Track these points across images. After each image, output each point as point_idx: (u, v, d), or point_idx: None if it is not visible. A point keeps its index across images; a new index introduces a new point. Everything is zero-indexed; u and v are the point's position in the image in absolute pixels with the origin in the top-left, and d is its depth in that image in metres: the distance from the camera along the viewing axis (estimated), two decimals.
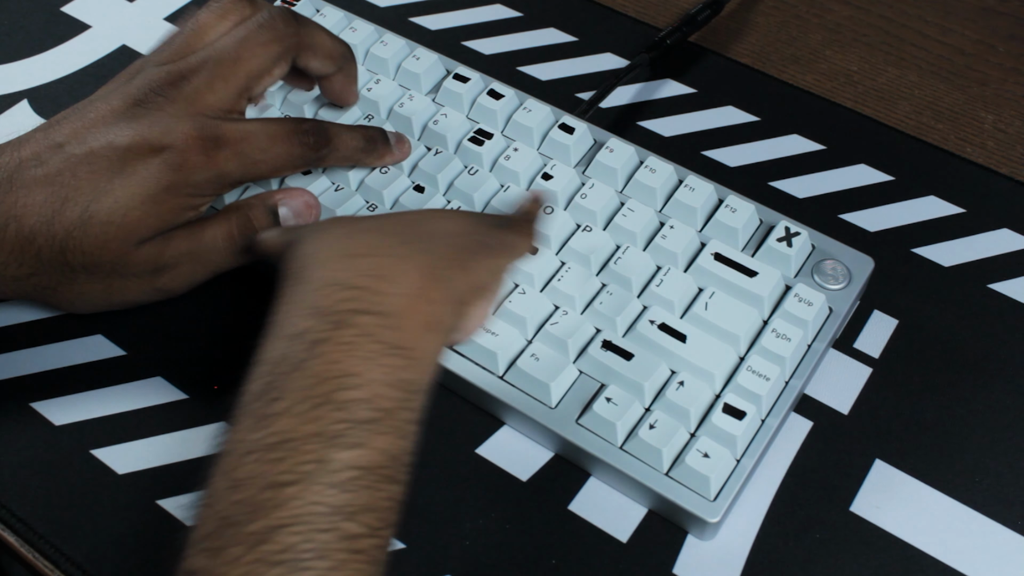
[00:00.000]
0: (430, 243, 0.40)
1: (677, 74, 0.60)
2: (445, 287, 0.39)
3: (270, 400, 0.34)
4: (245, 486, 0.33)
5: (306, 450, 0.33)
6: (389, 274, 0.38)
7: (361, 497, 0.33)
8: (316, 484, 0.32)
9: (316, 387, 0.34)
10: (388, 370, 0.36)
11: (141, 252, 0.44)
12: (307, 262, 0.38)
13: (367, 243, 0.39)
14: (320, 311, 0.36)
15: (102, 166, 0.42)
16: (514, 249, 0.44)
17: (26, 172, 0.42)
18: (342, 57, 0.50)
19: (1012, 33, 0.63)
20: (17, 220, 0.42)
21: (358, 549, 0.32)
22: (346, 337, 0.35)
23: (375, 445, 0.34)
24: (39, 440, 0.45)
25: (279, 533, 0.31)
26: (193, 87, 0.44)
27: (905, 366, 0.48)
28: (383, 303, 0.37)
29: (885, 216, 0.53)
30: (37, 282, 0.43)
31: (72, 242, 0.42)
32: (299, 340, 0.35)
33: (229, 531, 0.32)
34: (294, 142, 0.46)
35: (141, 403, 0.46)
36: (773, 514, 0.43)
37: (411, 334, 0.37)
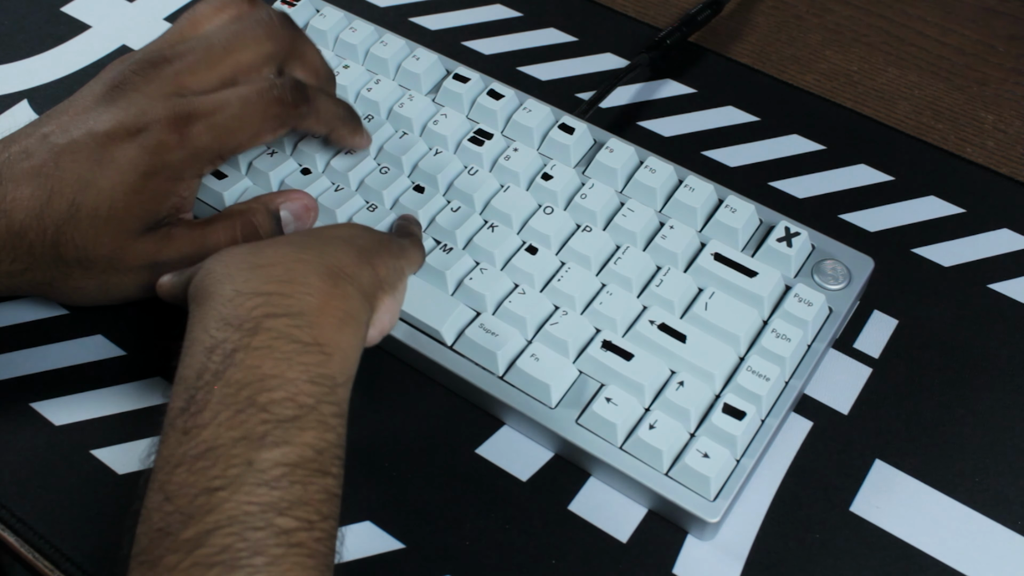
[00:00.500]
0: (332, 246, 0.40)
1: (677, 74, 0.60)
2: (352, 283, 0.39)
3: (193, 413, 0.35)
4: (176, 497, 0.33)
5: (233, 454, 0.33)
6: (297, 277, 0.38)
7: (292, 492, 0.33)
8: (246, 485, 0.33)
9: (237, 393, 0.35)
10: (305, 367, 0.36)
11: (137, 247, 0.43)
12: (212, 279, 0.38)
13: (271, 254, 0.39)
14: (232, 321, 0.36)
15: (83, 155, 0.42)
16: (411, 256, 0.45)
17: (15, 166, 0.42)
18: (325, 78, 0.49)
19: (1012, 33, 0.63)
20: (7, 215, 0.42)
21: (295, 542, 0.33)
22: (261, 342, 0.36)
23: (300, 441, 0.34)
24: (39, 440, 0.45)
25: (214, 536, 0.32)
26: (174, 68, 0.44)
27: (905, 366, 0.48)
28: (294, 304, 0.37)
29: (885, 216, 0.53)
30: (32, 277, 0.43)
31: (64, 236, 0.42)
32: (215, 352, 0.36)
33: (165, 541, 0.32)
34: (271, 101, 0.45)
35: (141, 403, 0.46)
36: (773, 514, 0.43)
37: (325, 330, 0.37)
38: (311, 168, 0.51)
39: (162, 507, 0.33)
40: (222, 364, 0.35)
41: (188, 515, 0.33)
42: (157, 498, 0.34)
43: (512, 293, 0.46)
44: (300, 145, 0.52)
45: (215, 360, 0.36)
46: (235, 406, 0.34)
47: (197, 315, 0.38)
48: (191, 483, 0.33)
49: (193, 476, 0.33)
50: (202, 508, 0.33)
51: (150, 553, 0.33)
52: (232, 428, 0.34)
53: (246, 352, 0.36)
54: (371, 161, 0.52)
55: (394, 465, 0.44)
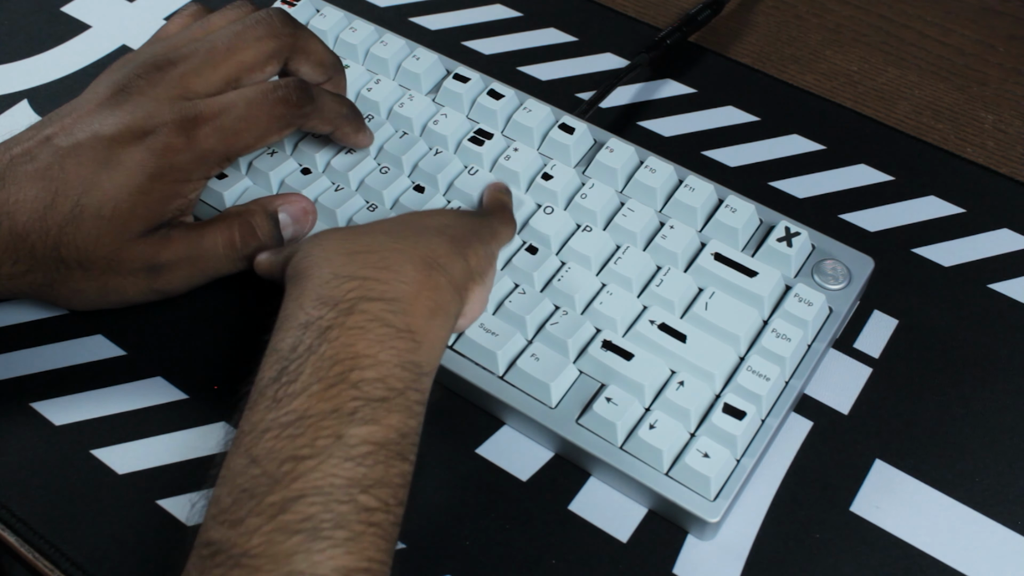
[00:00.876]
0: (426, 236, 0.41)
1: (677, 74, 0.60)
2: (446, 274, 0.40)
3: (285, 383, 0.35)
4: (264, 461, 0.33)
5: (323, 426, 0.34)
6: (392, 265, 0.39)
7: (376, 471, 0.34)
8: (333, 458, 0.33)
9: (330, 368, 0.35)
10: (397, 352, 0.37)
11: (136, 249, 0.44)
12: (310, 262, 0.39)
13: (366, 242, 0.40)
14: (329, 301, 0.37)
15: (88, 157, 0.42)
16: (501, 235, 0.46)
17: (18, 168, 0.42)
18: (332, 67, 0.49)
19: (1012, 33, 0.63)
20: (10, 217, 0.42)
21: (373, 522, 0.33)
22: (356, 322, 0.37)
23: (387, 422, 0.35)
24: (39, 440, 0.45)
25: (298, 503, 0.32)
26: (179, 71, 0.44)
27: (905, 366, 0.48)
28: (389, 290, 0.38)
29: (885, 216, 0.53)
30: (32, 279, 0.43)
31: (65, 237, 0.42)
32: (310, 328, 0.37)
33: (249, 503, 0.33)
34: (276, 102, 0.45)
35: (141, 403, 0.46)
36: (773, 514, 0.43)
37: (418, 319, 0.38)
38: (311, 168, 0.51)
39: (247, 470, 0.34)
40: (317, 339, 0.36)
41: (274, 479, 0.33)
42: (242, 461, 0.34)
43: (512, 293, 0.46)
44: (300, 145, 0.52)
45: (310, 335, 0.36)
46: (327, 380, 0.35)
47: (293, 293, 0.39)
48: (279, 449, 0.34)
49: (281, 443, 0.34)
50: (288, 475, 0.33)
51: (232, 513, 0.33)
52: (323, 400, 0.35)
53: (341, 330, 0.36)
54: (371, 161, 0.52)
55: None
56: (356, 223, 0.49)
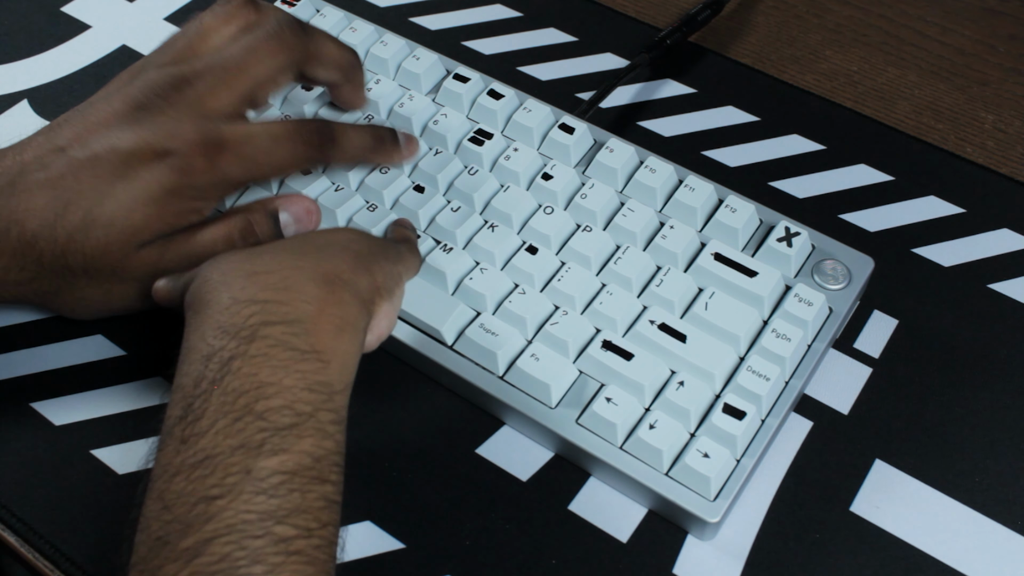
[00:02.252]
0: (328, 252, 0.40)
1: (677, 74, 0.60)
2: (350, 289, 0.39)
3: (191, 421, 0.35)
4: (175, 506, 0.33)
5: (231, 463, 0.33)
6: (293, 284, 0.38)
7: (291, 500, 0.33)
8: (244, 493, 0.33)
9: (235, 402, 0.35)
10: (302, 375, 0.36)
11: (141, 256, 0.43)
12: (209, 288, 0.38)
13: (267, 261, 0.39)
14: (229, 329, 0.36)
15: (105, 170, 0.42)
16: (407, 260, 0.45)
17: (29, 176, 0.42)
18: (349, 66, 0.49)
19: (1012, 33, 0.63)
20: (19, 224, 0.41)
21: (293, 551, 0.33)
22: (258, 349, 0.36)
23: (298, 448, 0.34)
24: (39, 440, 0.45)
25: (212, 544, 0.32)
26: (197, 92, 0.44)
27: (905, 366, 0.48)
28: (290, 312, 0.37)
29: (885, 216, 0.53)
30: (38, 287, 0.43)
31: (73, 245, 0.42)
32: (212, 360, 0.36)
33: (164, 550, 0.32)
34: (298, 142, 0.45)
35: (141, 403, 0.46)
36: (773, 514, 0.43)
37: (322, 337, 0.37)
38: (311, 168, 0.51)
39: (160, 516, 0.33)
40: (219, 372, 0.35)
41: (186, 524, 0.32)
42: (155, 507, 0.34)
43: (512, 293, 0.46)
44: None
45: (212, 368, 0.36)
46: (233, 414, 0.34)
47: (194, 323, 0.38)
48: (189, 491, 0.33)
49: (191, 484, 0.33)
50: (200, 516, 0.32)
51: (149, 562, 0.32)
52: (230, 436, 0.34)
53: (243, 360, 0.35)
54: None
55: (394, 465, 0.44)
56: (356, 223, 0.49)
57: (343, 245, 0.41)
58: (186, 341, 0.38)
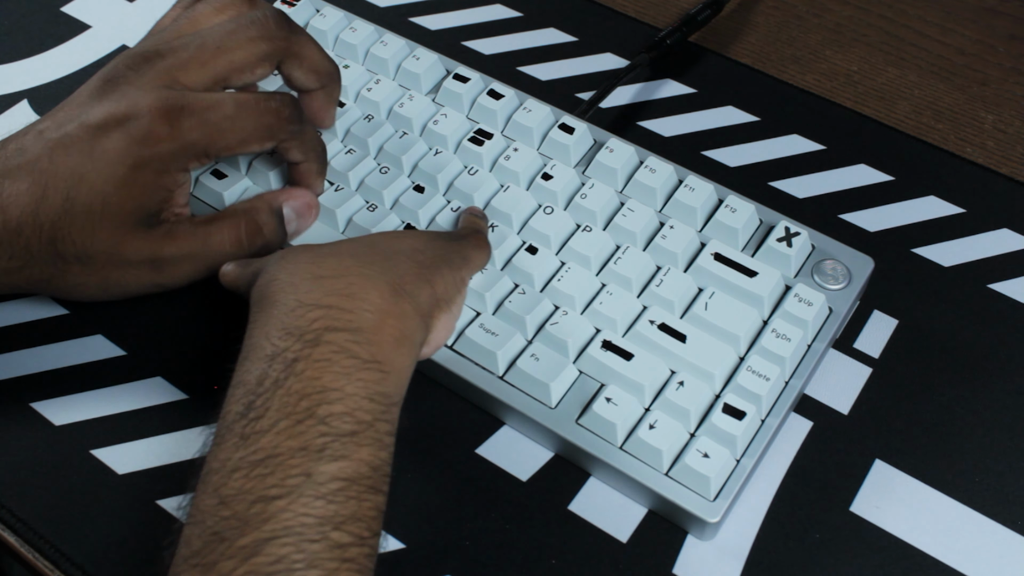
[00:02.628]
0: (393, 261, 0.41)
1: (677, 74, 0.60)
2: (412, 302, 0.40)
3: (253, 419, 0.35)
4: (233, 502, 0.33)
5: (292, 464, 0.34)
6: (358, 292, 0.38)
7: (347, 507, 0.34)
8: (303, 496, 0.33)
9: (297, 404, 0.35)
10: (364, 384, 0.36)
11: (137, 242, 0.43)
12: (275, 287, 0.39)
13: (333, 265, 0.39)
14: (294, 331, 0.37)
15: (75, 148, 0.42)
16: (473, 260, 0.45)
17: (10, 162, 0.42)
18: (327, 75, 0.49)
19: (1012, 33, 0.63)
20: (3, 211, 0.42)
21: (347, 558, 0.33)
22: (322, 354, 0.36)
23: (358, 456, 0.35)
24: (39, 440, 0.45)
25: (270, 545, 0.32)
26: (167, 63, 0.44)
27: (905, 366, 0.48)
28: (354, 320, 0.37)
29: (885, 216, 0.53)
30: (30, 275, 0.43)
31: (60, 233, 0.42)
32: (276, 360, 0.36)
33: (220, 546, 0.32)
34: (265, 112, 0.45)
35: (141, 403, 0.46)
36: (773, 514, 0.43)
37: (383, 348, 0.38)
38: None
39: (217, 511, 0.33)
40: (283, 373, 0.36)
41: (244, 521, 0.33)
42: (211, 501, 0.34)
43: (512, 293, 0.46)
44: None
45: (276, 368, 0.36)
46: (295, 416, 0.35)
47: (259, 320, 0.38)
48: (248, 489, 0.33)
49: (250, 482, 0.33)
50: (259, 516, 0.33)
51: (204, 556, 0.33)
52: (291, 437, 0.34)
53: (307, 363, 0.36)
54: (371, 161, 0.52)
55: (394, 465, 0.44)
56: (356, 223, 0.49)
57: (408, 254, 0.41)
58: (249, 338, 0.38)
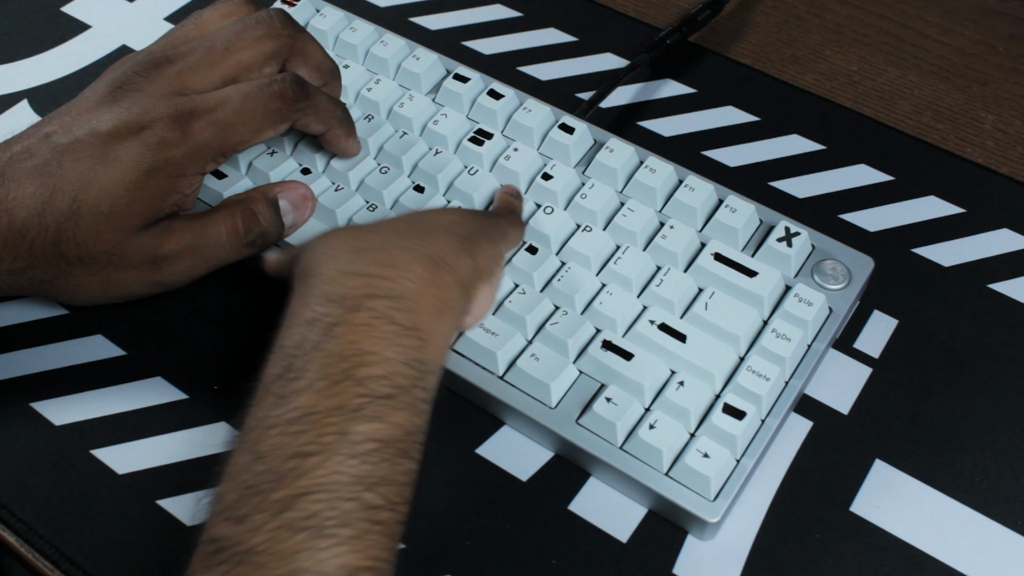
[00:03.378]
0: (434, 234, 0.41)
1: (677, 74, 0.60)
2: (452, 272, 0.40)
3: (291, 379, 0.35)
4: (268, 457, 0.33)
5: (328, 423, 0.34)
6: (398, 263, 0.39)
7: (380, 469, 0.34)
8: (338, 454, 0.33)
9: (335, 365, 0.35)
10: (403, 350, 0.37)
11: (137, 242, 0.44)
12: (317, 260, 0.39)
13: (374, 240, 0.40)
14: (334, 297, 0.37)
15: (86, 154, 0.42)
16: (509, 237, 0.46)
17: (17, 166, 0.42)
18: (329, 73, 0.50)
19: (1012, 33, 0.63)
20: (9, 213, 0.42)
21: (378, 520, 0.33)
22: (362, 319, 0.36)
23: (392, 420, 0.35)
24: (39, 440, 0.45)
25: (303, 500, 0.32)
26: (176, 69, 0.44)
27: (905, 366, 0.48)
28: (395, 288, 0.38)
29: (885, 216, 0.53)
30: (32, 276, 0.43)
31: (64, 234, 0.42)
32: (316, 324, 0.36)
33: (254, 499, 0.33)
34: (271, 96, 0.45)
35: (141, 403, 0.46)
36: (773, 514, 0.43)
37: (423, 316, 0.38)
38: (311, 168, 0.51)
39: (252, 466, 0.33)
40: (322, 336, 0.36)
41: (279, 476, 0.33)
42: (246, 458, 0.34)
43: (512, 293, 0.46)
44: (300, 145, 0.52)
45: (315, 332, 0.36)
46: (332, 376, 0.35)
47: (300, 291, 0.39)
48: (284, 445, 0.34)
49: (287, 439, 0.34)
50: (293, 471, 0.33)
51: (237, 509, 0.33)
52: (328, 397, 0.34)
53: (346, 327, 0.36)
54: (371, 161, 0.52)
55: None
56: (356, 223, 0.49)
57: (447, 228, 0.42)
58: (290, 307, 0.38)
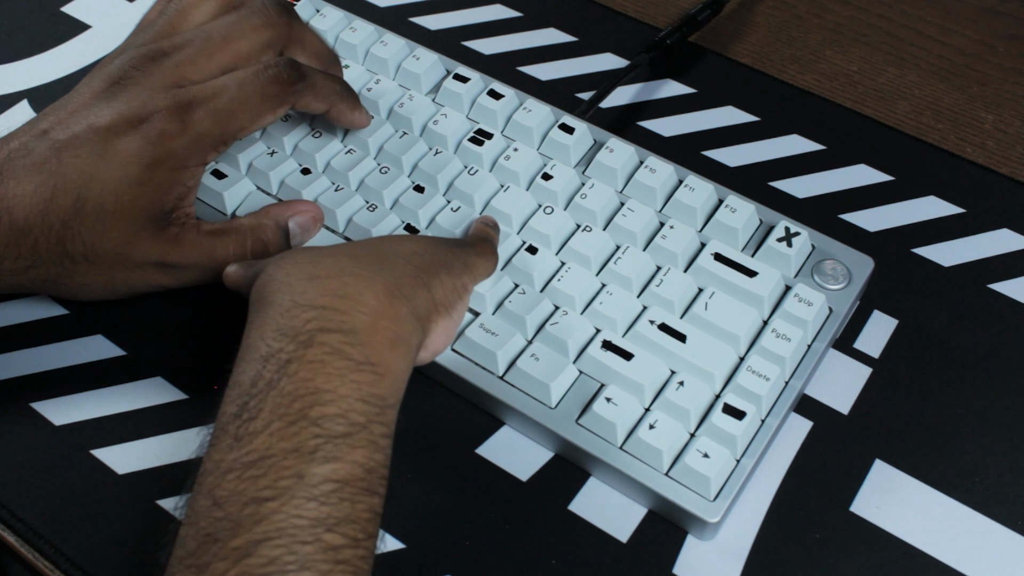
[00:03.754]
0: (391, 263, 0.40)
1: (677, 74, 0.60)
2: (407, 305, 0.39)
3: (246, 420, 0.35)
4: (226, 503, 0.33)
5: (284, 466, 0.34)
6: (352, 293, 0.38)
7: (341, 509, 0.33)
8: (296, 498, 0.33)
9: (290, 405, 0.35)
10: (358, 386, 0.36)
11: (145, 245, 0.44)
12: (272, 287, 0.39)
13: (329, 266, 0.39)
14: (288, 332, 0.37)
15: (86, 149, 0.42)
16: (475, 269, 0.45)
17: (15, 163, 0.42)
18: (328, 58, 0.50)
19: (1012, 33, 0.63)
20: (9, 212, 0.42)
21: (341, 560, 0.33)
22: (315, 355, 0.36)
23: (351, 458, 0.35)
24: (39, 440, 0.45)
25: (262, 547, 0.32)
26: (174, 61, 0.44)
27: (905, 366, 0.48)
28: (348, 321, 0.37)
29: (885, 216, 0.53)
30: (36, 274, 0.43)
31: (70, 232, 0.42)
32: (270, 361, 0.36)
33: (213, 547, 0.32)
34: (268, 81, 0.45)
35: (141, 403, 0.46)
36: (773, 514, 0.43)
37: (377, 350, 0.37)
38: (311, 168, 0.51)
39: (211, 512, 0.33)
40: (276, 374, 0.36)
41: (237, 523, 0.33)
42: (205, 503, 0.34)
43: (512, 293, 0.46)
44: (300, 145, 0.52)
45: (269, 369, 0.36)
46: (288, 417, 0.35)
47: (256, 321, 0.38)
48: (241, 491, 0.33)
49: (243, 484, 0.33)
50: (251, 517, 0.33)
51: (197, 558, 0.33)
52: (284, 439, 0.34)
53: (300, 364, 0.36)
54: (371, 161, 0.52)
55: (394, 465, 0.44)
56: (356, 223, 0.49)
57: (406, 257, 0.41)
58: (246, 338, 0.38)
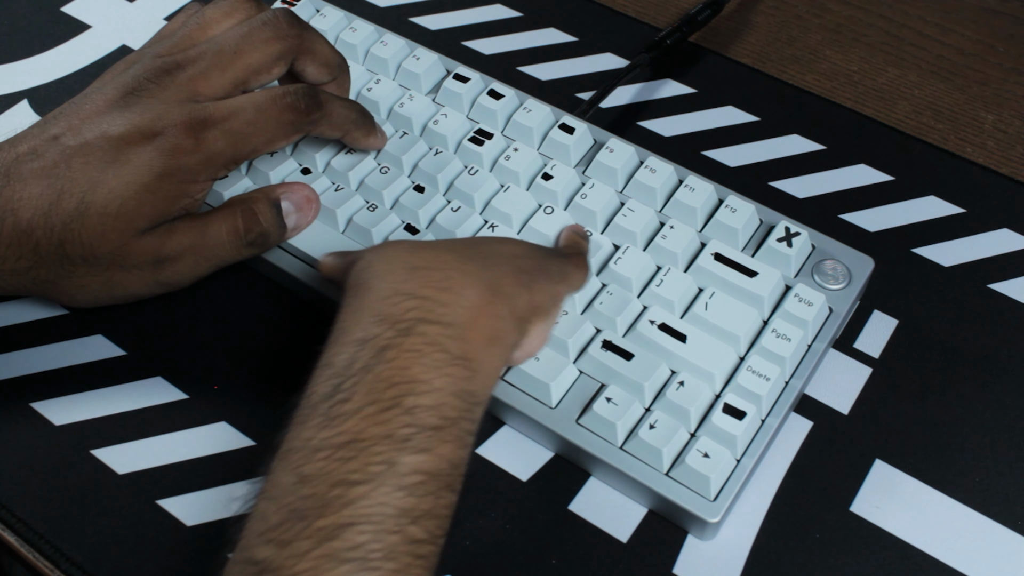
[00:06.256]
0: (493, 261, 0.40)
1: (677, 74, 0.60)
2: (508, 303, 0.39)
3: (339, 401, 0.35)
4: (314, 482, 0.33)
5: (375, 451, 0.33)
6: (454, 286, 0.38)
7: (425, 502, 0.34)
8: (384, 485, 0.33)
9: (384, 391, 0.35)
10: (452, 380, 0.36)
11: (141, 243, 0.44)
12: (371, 274, 0.39)
13: (430, 257, 0.39)
14: (387, 318, 0.37)
15: (96, 156, 0.42)
16: (570, 279, 0.44)
17: (23, 166, 0.42)
18: (338, 67, 0.50)
19: (1012, 33, 0.63)
20: (14, 213, 0.42)
21: (420, 554, 0.33)
22: (413, 345, 0.36)
23: (439, 452, 0.34)
24: (39, 440, 0.45)
25: (348, 531, 0.32)
26: (187, 75, 0.44)
27: (905, 366, 0.48)
28: (448, 314, 0.37)
29: (885, 216, 0.53)
30: (36, 275, 0.43)
31: (70, 234, 0.42)
32: (366, 346, 0.36)
33: (298, 524, 0.32)
34: (284, 108, 0.45)
35: (141, 403, 0.46)
36: (773, 514, 0.43)
37: (474, 346, 0.37)
38: (311, 168, 0.51)
39: (296, 489, 0.33)
40: (373, 359, 0.35)
41: (324, 503, 0.32)
42: (290, 479, 0.34)
43: None
44: (300, 145, 0.52)
45: (366, 353, 0.36)
46: (381, 403, 0.34)
47: (352, 306, 0.38)
48: (330, 471, 0.33)
49: (333, 464, 0.33)
50: (339, 499, 0.32)
51: (280, 533, 0.32)
52: (376, 424, 0.34)
53: (398, 351, 0.36)
54: (371, 161, 0.52)
55: None
56: (356, 223, 0.49)
57: (508, 257, 0.41)
58: (341, 322, 0.38)
